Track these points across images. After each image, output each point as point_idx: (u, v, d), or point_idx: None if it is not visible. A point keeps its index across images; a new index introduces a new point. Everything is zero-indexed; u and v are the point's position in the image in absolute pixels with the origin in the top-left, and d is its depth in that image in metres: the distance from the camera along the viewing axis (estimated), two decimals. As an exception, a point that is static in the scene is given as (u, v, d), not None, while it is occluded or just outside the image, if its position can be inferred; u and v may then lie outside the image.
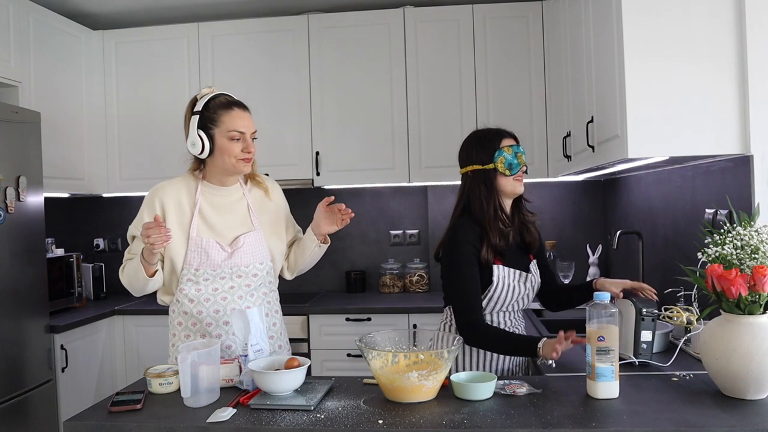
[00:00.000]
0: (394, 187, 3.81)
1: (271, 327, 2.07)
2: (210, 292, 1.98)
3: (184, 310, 2.01)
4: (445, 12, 3.47)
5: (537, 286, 2.04)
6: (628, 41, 1.96)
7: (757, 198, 1.88)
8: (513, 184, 1.95)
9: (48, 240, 3.27)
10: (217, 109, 1.95)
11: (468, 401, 1.53)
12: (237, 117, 1.95)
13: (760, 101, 1.90)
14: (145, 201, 2.01)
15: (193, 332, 2.01)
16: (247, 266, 2.01)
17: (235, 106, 1.98)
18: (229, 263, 1.98)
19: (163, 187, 2.01)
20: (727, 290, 1.46)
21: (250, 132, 1.98)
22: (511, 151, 1.94)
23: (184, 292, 1.99)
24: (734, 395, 1.49)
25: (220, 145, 1.94)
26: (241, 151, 1.95)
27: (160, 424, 1.46)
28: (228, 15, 3.74)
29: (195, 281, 1.98)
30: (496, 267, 1.93)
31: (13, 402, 2.69)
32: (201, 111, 1.95)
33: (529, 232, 2.03)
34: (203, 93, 1.99)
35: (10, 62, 3.05)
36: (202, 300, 1.98)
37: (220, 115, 1.94)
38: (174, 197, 1.99)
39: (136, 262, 1.92)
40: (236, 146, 1.95)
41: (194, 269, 1.97)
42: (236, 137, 1.94)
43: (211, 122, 1.94)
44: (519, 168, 1.94)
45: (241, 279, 2.00)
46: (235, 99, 2.01)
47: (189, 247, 1.97)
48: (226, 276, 1.99)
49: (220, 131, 1.94)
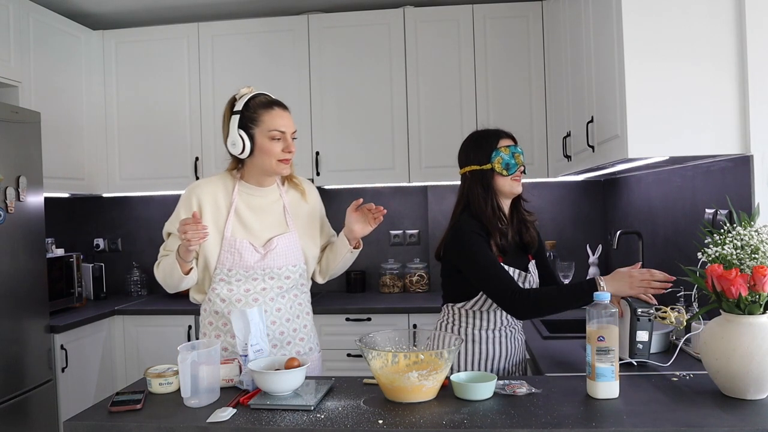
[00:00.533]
0: (394, 187, 3.81)
1: (302, 329, 2.06)
2: (242, 292, 1.97)
3: (215, 310, 2.00)
4: (445, 12, 3.47)
5: (536, 285, 2.04)
6: (628, 41, 1.96)
7: (757, 198, 1.88)
8: (511, 184, 1.95)
9: (48, 240, 3.27)
10: (257, 109, 1.94)
11: (468, 401, 1.53)
12: (278, 116, 1.94)
13: (760, 101, 1.90)
14: (183, 198, 2.00)
15: (223, 332, 2.00)
16: (279, 268, 1.99)
17: (276, 105, 1.97)
18: (262, 265, 1.97)
19: (201, 185, 2.00)
20: (727, 290, 1.46)
21: (290, 131, 1.96)
22: (508, 151, 1.94)
23: (216, 291, 1.98)
24: (734, 395, 1.49)
25: (261, 145, 1.93)
26: (281, 151, 1.94)
27: (160, 424, 1.46)
28: (228, 15, 3.74)
29: (227, 281, 1.97)
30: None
31: (13, 402, 2.69)
32: (241, 111, 1.93)
33: (527, 231, 2.03)
34: (242, 93, 1.98)
35: (10, 62, 3.05)
36: (234, 300, 1.97)
37: (260, 114, 1.93)
38: (211, 195, 1.98)
39: (171, 259, 1.91)
40: (277, 146, 1.93)
41: (227, 269, 1.96)
42: (277, 137, 1.93)
43: (251, 122, 1.93)
44: (516, 168, 1.95)
45: (274, 281, 1.99)
46: (275, 98, 2.00)
47: (222, 247, 1.96)
48: (258, 277, 1.98)
49: (261, 131, 1.92)
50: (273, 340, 1.98)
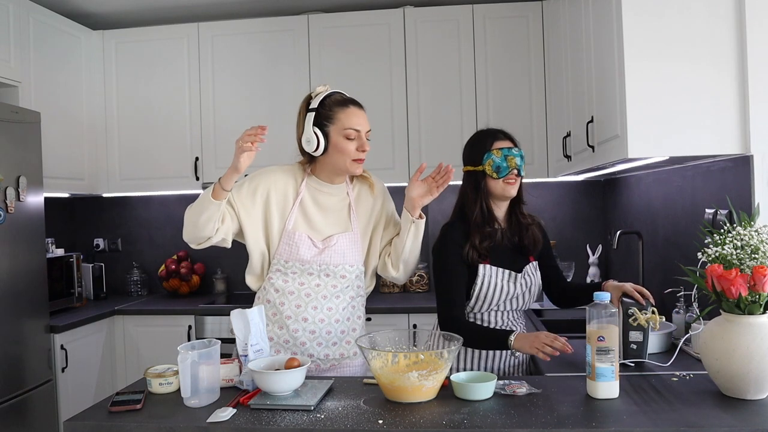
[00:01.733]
0: (394, 187, 3.79)
1: (350, 332, 2.03)
2: (296, 286, 1.97)
3: (267, 299, 2.00)
4: (445, 12, 3.47)
5: (534, 287, 2.03)
6: (628, 41, 1.96)
7: (757, 198, 1.88)
8: (503, 187, 1.94)
9: (48, 240, 3.27)
10: (333, 107, 1.92)
11: (468, 401, 1.53)
12: (353, 115, 1.92)
13: (760, 101, 1.90)
14: (252, 176, 1.97)
15: (272, 322, 1.99)
16: (336, 266, 1.98)
17: (352, 104, 1.94)
18: (319, 260, 1.96)
19: (274, 171, 1.99)
20: (727, 290, 1.46)
21: (365, 130, 1.94)
22: (500, 153, 1.93)
23: (272, 281, 1.99)
24: (734, 395, 1.49)
25: (336, 143, 1.91)
26: (356, 150, 1.92)
27: (160, 424, 1.46)
28: (228, 15, 3.74)
29: (283, 272, 1.97)
30: (482, 266, 1.94)
31: (13, 402, 2.69)
32: (317, 108, 1.92)
33: (526, 234, 2.02)
34: (318, 90, 1.96)
35: (10, 62, 3.05)
36: (287, 292, 1.97)
37: (336, 112, 1.91)
38: (282, 183, 1.97)
39: (207, 193, 1.84)
40: (351, 145, 1.91)
41: (284, 261, 1.96)
42: (352, 136, 1.91)
43: (327, 119, 1.91)
44: (508, 171, 1.92)
45: (329, 278, 1.98)
46: (351, 97, 1.97)
47: (282, 238, 1.96)
48: (314, 273, 1.97)
49: (336, 129, 1.90)
50: (318, 338, 1.97)
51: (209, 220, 1.86)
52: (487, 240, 1.94)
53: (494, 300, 1.96)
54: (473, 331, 1.87)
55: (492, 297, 1.96)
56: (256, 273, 2.03)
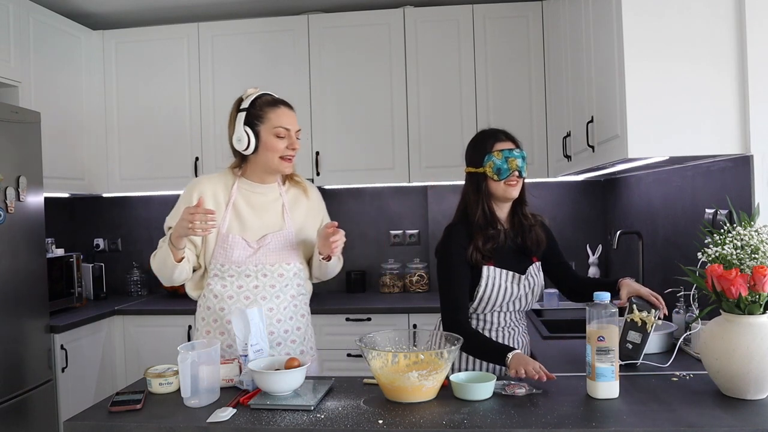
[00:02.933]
0: (394, 187, 3.81)
1: (294, 331, 2.05)
2: (234, 289, 1.99)
3: (207, 306, 2.02)
4: (445, 12, 3.47)
5: (537, 288, 2.03)
6: (628, 41, 1.96)
7: (757, 198, 1.88)
8: (504, 189, 1.93)
9: (48, 240, 3.26)
10: (263, 107, 1.99)
11: (468, 401, 1.53)
12: (283, 114, 1.99)
13: (760, 101, 1.90)
14: (184, 193, 2.03)
15: (213, 329, 2.02)
16: (272, 265, 2.01)
17: (281, 104, 2.02)
18: (254, 260, 1.99)
19: (201, 181, 2.04)
20: (727, 290, 1.46)
21: (294, 129, 2.02)
22: (500, 155, 1.92)
23: (210, 287, 2.01)
24: (734, 395, 1.49)
25: (266, 142, 1.97)
26: (285, 148, 1.98)
27: (160, 424, 1.46)
28: (228, 15, 3.74)
29: (221, 277, 2.00)
30: (486, 268, 1.93)
31: (13, 402, 2.69)
32: (248, 108, 1.98)
33: (529, 235, 2.02)
34: (249, 92, 2.03)
35: (10, 62, 3.05)
36: (226, 297, 1.99)
37: (266, 112, 1.98)
38: (211, 191, 2.01)
39: (165, 248, 1.93)
40: (281, 143, 1.98)
41: (220, 265, 1.99)
42: (282, 134, 1.98)
43: (257, 119, 1.98)
44: (509, 173, 1.91)
45: (267, 278, 2.00)
46: (280, 98, 2.05)
47: (217, 243, 1.99)
48: (251, 274, 1.99)
49: (266, 128, 1.97)
50: None
51: (181, 273, 1.96)
52: (490, 242, 1.94)
53: (498, 301, 1.96)
54: (475, 340, 1.84)
55: (496, 298, 1.95)
56: (194, 280, 2.06)
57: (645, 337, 1.81)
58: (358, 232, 3.85)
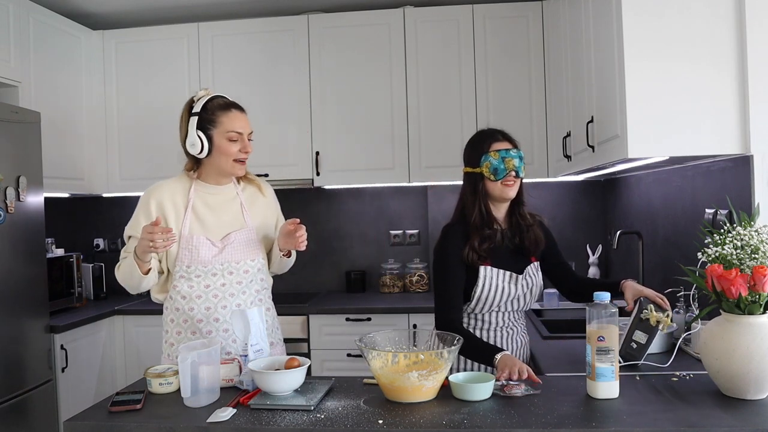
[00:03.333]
0: (394, 187, 3.81)
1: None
2: (202, 289, 2.01)
3: (176, 307, 2.04)
4: (445, 12, 3.47)
5: (536, 288, 2.03)
6: (628, 41, 1.96)
7: (757, 198, 1.88)
8: (501, 189, 1.93)
9: (48, 240, 3.26)
10: (215, 111, 2.00)
11: (467, 401, 1.53)
12: (235, 118, 2.01)
13: (760, 101, 1.90)
14: (141, 201, 2.05)
15: (184, 329, 2.04)
16: (238, 262, 2.04)
17: (233, 107, 2.04)
18: (220, 259, 2.02)
19: (158, 188, 2.05)
20: (727, 290, 1.46)
21: (247, 132, 2.05)
22: (497, 155, 1.92)
23: (177, 289, 2.02)
24: (734, 395, 1.49)
25: (219, 146, 2.00)
26: (238, 151, 2.01)
27: (160, 424, 1.46)
28: (228, 15, 3.74)
29: (187, 278, 2.01)
30: (483, 268, 1.93)
31: (13, 402, 2.69)
32: (199, 112, 1.99)
33: (527, 235, 2.01)
34: (200, 95, 2.04)
35: (10, 62, 3.05)
36: (194, 297, 2.01)
37: (218, 116, 2.00)
38: (169, 196, 2.03)
39: (130, 260, 1.95)
40: (234, 146, 2.01)
41: (186, 266, 2.00)
42: (234, 138, 2.00)
43: (209, 123, 2.00)
44: (505, 173, 1.91)
45: (233, 276, 2.04)
46: (232, 101, 2.07)
47: (180, 245, 2.00)
48: (217, 273, 2.02)
49: (219, 132, 1.99)
50: (233, 335, 1.99)
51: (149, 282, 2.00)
52: (486, 242, 1.94)
53: (495, 301, 1.96)
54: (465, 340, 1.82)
55: (493, 299, 1.95)
56: (159, 284, 2.07)
57: (651, 337, 1.81)
58: (358, 232, 3.85)
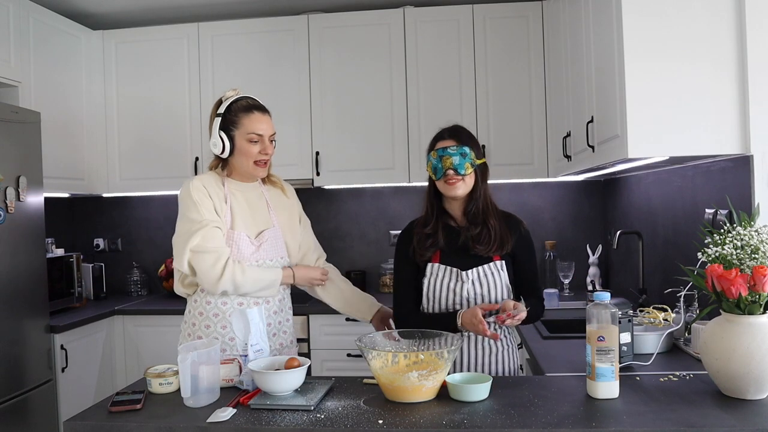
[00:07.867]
0: (394, 187, 3.81)
1: (285, 322, 2.14)
2: None
3: (208, 300, 2.04)
4: (445, 12, 3.47)
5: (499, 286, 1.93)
6: (628, 41, 1.96)
7: (757, 198, 1.88)
8: (444, 188, 1.94)
9: (48, 240, 3.26)
10: (238, 112, 2.02)
11: (467, 402, 1.53)
12: (256, 120, 2.03)
13: (760, 101, 1.90)
14: (193, 190, 1.98)
15: (214, 323, 2.03)
16: (271, 260, 2.07)
17: (255, 109, 2.05)
18: (256, 256, 2.04)
19: (201, 179, 2.04)
20: (727, 290, 1.46)
21: (268, 135, 2.05)
22: (435, 155, 1.93)
23: None
24: (734, 395, 1.49)
25: (240, 147, 2.02)
26: (258, 153, 2.02)
27: (160, 424, 1.46)
28: (228, 15, 3.74)
29: None
30: (430, 265, 1.96)
31: (13, 402, 2.69)
32: (223, 113, 2.02)
33: (482, 232, 1.93)
34: (227, 95, 2.06)
35: (10, 62, 3.05)
36: None
37: (240, 117, 2.02)
38: (213, 188, 2.03)
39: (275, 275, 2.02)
40: (254, 148, 2.02)
41: None
42: (255, 139, 2.02)
43: (232, 124, 2.02)
44: (442, 172, 1.90)
45: None
46: (257, 102, 2.08)
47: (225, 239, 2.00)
48: None
49: (240, 133, 2.01)
50: None
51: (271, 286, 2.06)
52: (429, 239, 1.96)
53: (442, 298, 1.94)
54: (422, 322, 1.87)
55: (440, 296, 1.95)
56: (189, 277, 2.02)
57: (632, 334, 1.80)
58: (358, 232, 3.85)
